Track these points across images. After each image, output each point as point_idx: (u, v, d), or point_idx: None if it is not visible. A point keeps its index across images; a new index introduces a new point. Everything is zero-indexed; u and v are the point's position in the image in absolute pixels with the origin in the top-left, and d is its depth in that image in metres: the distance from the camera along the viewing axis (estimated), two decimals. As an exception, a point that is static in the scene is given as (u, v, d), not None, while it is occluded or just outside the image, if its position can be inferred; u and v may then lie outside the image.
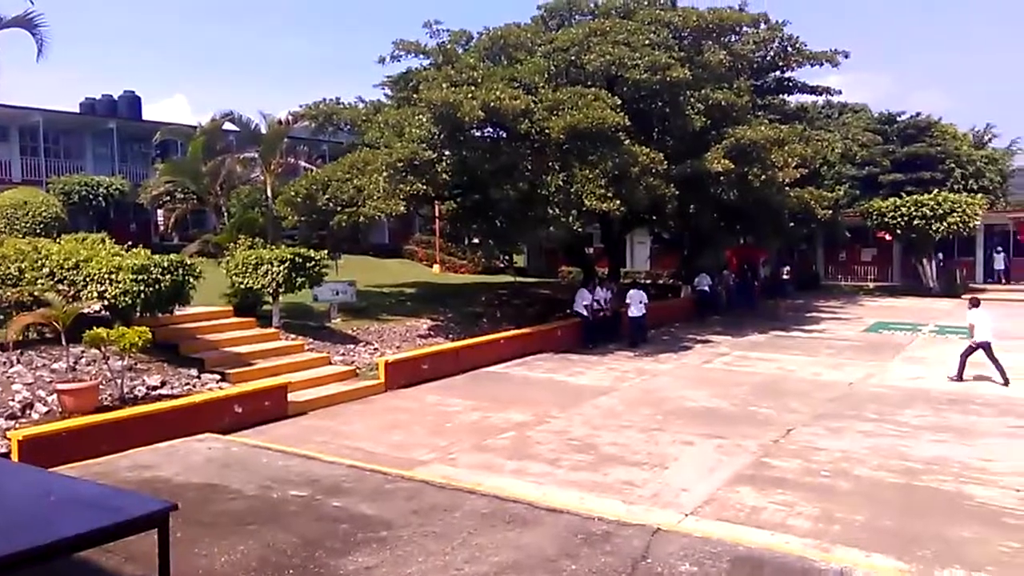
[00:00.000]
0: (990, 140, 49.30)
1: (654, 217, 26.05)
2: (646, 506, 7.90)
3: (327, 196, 18.39)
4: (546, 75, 18.55)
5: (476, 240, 23.28)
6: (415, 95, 17.82)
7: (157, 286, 12.52)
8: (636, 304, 19.04)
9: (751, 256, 33.80)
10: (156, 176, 28.46)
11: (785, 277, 32.92)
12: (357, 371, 14.47)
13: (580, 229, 18.06)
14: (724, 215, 23.45)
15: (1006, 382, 13.74)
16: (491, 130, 18.93)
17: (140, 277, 12.29)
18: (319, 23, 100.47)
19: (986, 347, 14.08)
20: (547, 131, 16.69)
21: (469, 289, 25.93)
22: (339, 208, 18.29)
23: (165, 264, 12.80)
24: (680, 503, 7.99)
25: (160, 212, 30.34)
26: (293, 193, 19.00)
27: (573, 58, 18.49)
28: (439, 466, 9.33)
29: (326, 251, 17.28)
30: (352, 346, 16.04)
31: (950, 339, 19.60)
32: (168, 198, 28.02)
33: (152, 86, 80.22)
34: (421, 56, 21.27)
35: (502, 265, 32.95)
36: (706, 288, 25.57)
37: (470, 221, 20.35)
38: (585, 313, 19.06)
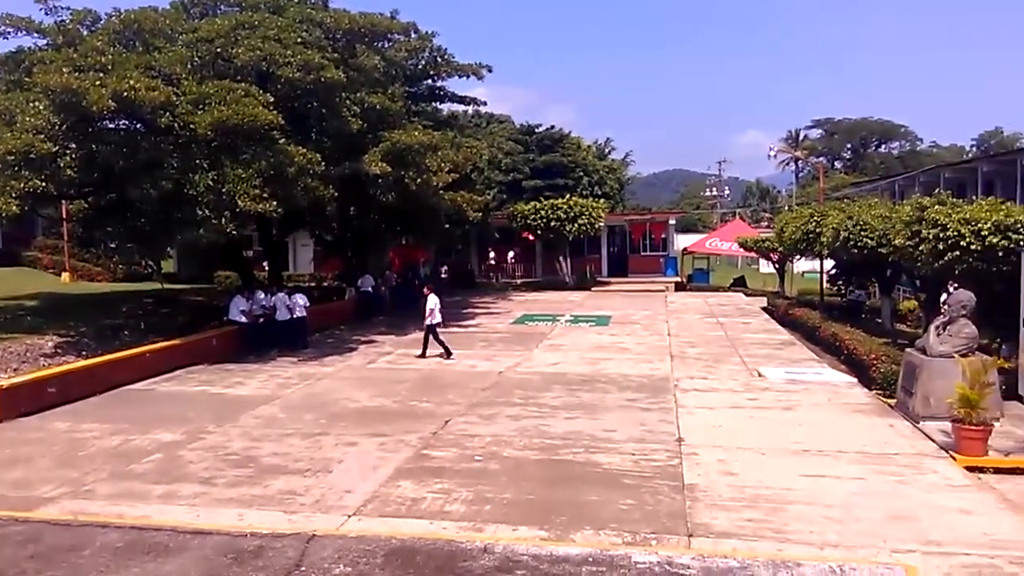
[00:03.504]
0: (610, 152, 57.49)
1: (315, 219, 25.74)
2: (308, 513, 7.74)
3: (-91, 194, 15.17)
4: (189, 66, 17.26)
5: (114, 244, 20.80)
6: (28, 79, 15.48)
7: None
8: (281, 308, 18.53)
9: (412, 256, 35.11)
10: None
11: (443, 276, 34.66)
12: (-42, 402, 12.12)
13: (235, 231, 17.12)
14: (385, 217, 23.94)
15: (446, 355, 17.01)
16: (127, 122, 17.12)
17: None
18: None
19: (432, 328, 17.09)
20: (193, 126, 15.58)
21: (107, 299, 23.36)
22: (-73, 208, 15.19)
23: None
24: (343, 505, 7.97)
25: None
26: None
27: (220, 50, 17.44)
28: (69, 502, 8.17)
29: (-91, 260, 14.25)
30: (-49, 373, 13.43)
31: (582, 327, 22.35)
32: None
33: None
34: (36, 35, 18.48)
35: (147, 271, 30.00)
36: (369, 289, 25.92)
37: (106, 223, 18.20)
38: (243, 320, 18.13)
